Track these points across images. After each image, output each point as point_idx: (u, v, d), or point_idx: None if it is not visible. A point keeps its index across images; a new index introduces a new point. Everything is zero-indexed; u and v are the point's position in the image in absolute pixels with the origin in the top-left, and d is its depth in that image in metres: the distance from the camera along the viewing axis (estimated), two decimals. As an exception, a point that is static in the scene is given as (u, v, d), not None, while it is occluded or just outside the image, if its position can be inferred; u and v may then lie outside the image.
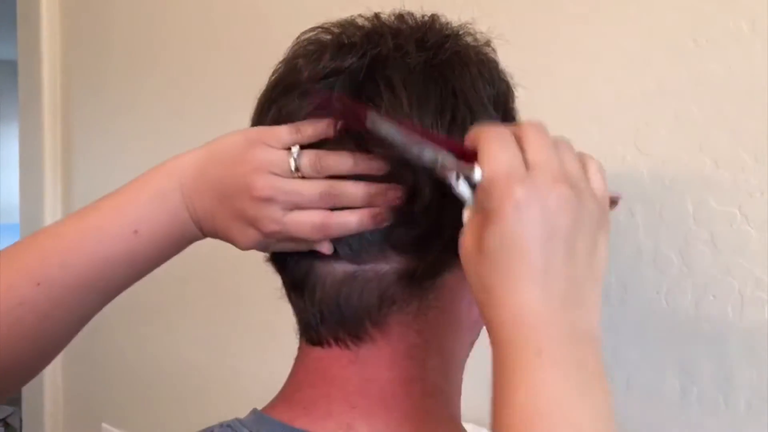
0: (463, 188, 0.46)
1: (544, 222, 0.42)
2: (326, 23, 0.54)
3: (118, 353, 1.50)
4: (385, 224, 0.50)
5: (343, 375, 0.52)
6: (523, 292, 0.42)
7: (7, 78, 4.13)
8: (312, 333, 0.53)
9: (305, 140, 0.51)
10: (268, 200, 0.51)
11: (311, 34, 0.54)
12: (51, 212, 1.70)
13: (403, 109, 0.49)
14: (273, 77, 0.55)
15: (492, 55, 0.55)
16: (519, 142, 0.45)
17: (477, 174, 0.44)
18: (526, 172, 0.43)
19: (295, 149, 0.51)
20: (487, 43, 0.55)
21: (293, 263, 0.53)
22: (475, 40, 0.55)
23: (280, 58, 0.55)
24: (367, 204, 0.50)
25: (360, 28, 0.53)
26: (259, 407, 0.56)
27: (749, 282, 0.66)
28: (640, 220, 0.73)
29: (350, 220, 0.50)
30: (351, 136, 0.50)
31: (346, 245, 0.51)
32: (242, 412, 0.56)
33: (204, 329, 1.31)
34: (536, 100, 0.59)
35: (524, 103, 0.59)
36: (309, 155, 0.51)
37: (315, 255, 0.52)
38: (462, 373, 0.56)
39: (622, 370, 0.75)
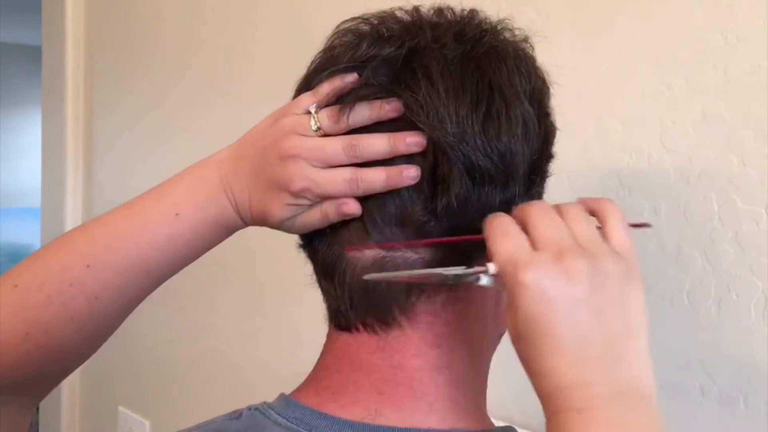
0: (487, 281, 0.48)
1: (559, 295, 0.44)
2: (365, 14, 0.55)
3: (136, 338, 1.51)
4: (414, 180, 0.50)
5: (371, 361, 0.52)
6: (556, 363, 0.44)
7: (31, 63, 4.16)
8: (341, 318, 0.54)
9: (323, 98, 0.53)
10: (295, 158, 0.52)
11: (350, 24, 0.55)
12: (72, 196, 1.72)
13: (440, 98, 0.50)
14: (311, 66, 0.57)
15: (530, 52, 0.56)
16: (523, 225, 0.47)
17: (492, 270, 0.47)
18: (532, 253, 0.45)
19: (313, 108, 0.53)
20: (526, 39, 0.56)
21: (325, 248, 0.54)
22: (513, 35, 0.55)
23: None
24: (391, 153, 0.51)
25: (399, 20, 0.54)
26: (275, 396, 0.56)
27: (773, 282, 0.66)
28: (664, 218, 0.73)
29: (379, 174, 0.51)
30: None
31: (377, 230, 0.51)
32: (257, 400, 0.57)
33: (222, 317, 1.32)
34: (562, 95, 0.59)
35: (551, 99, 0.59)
36: (327, 111, 0.53)
37: (346, 240, 0.52)
38: (488, 366, 0.57)
39: (642, 367, 0.74)
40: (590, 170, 0.78)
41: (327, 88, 0.53)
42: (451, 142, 0.49)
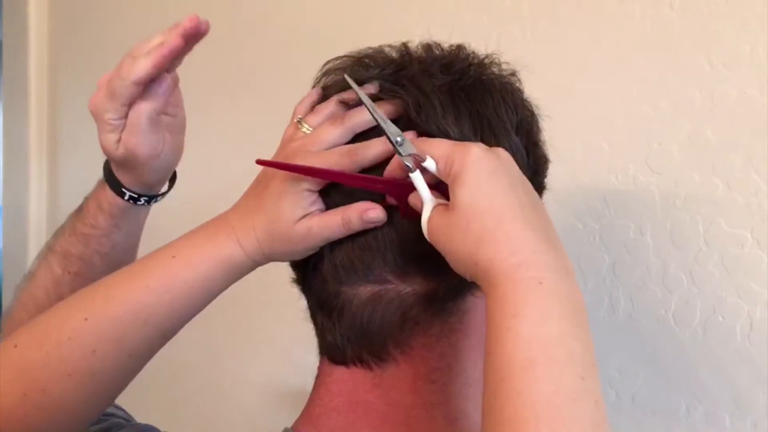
0: (417, 178, 0.48)
1: (503, 170, 0.46)
2: (351, 52, 0.54)
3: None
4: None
5: (368, 400, 0.52)
6: (512, 228, 0.44)
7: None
8: (337, 353, 0.53)
9: (305, 107, 0.56)
10: (296, 153, 0.53)
11: (336, 62, 0.54)
12: (36, 196, 1.68)
13: (437, 113, 0.50)
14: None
15: (517, 84, 0.55)
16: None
17: (430, 160, 0.48)
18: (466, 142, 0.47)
19: (298, 119, 0.55)
20: (513, 74, 0.55)
21: (319, 284, 0.53)
22: (501, 69, 0.55)
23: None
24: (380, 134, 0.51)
25: (386, 55, 0.54)
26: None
27: (759, 305, 0.67)
28: (650, 239, 0.74)
29: (375, 144, 0.51)
30: None
31: (368, 267, 0.51)
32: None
33: (199, 332, 1.30)
34: (548, 116, 0.59)
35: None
36: (311, 113, 0.55)
37: (346, 277, 0.52)
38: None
39: (629, 387, 0.76)
40: (576, 190, 0.78)
41: (308, 100, 0.56)
42: None
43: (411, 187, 0.49)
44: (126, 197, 0.66)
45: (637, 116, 0.74)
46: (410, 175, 0.48)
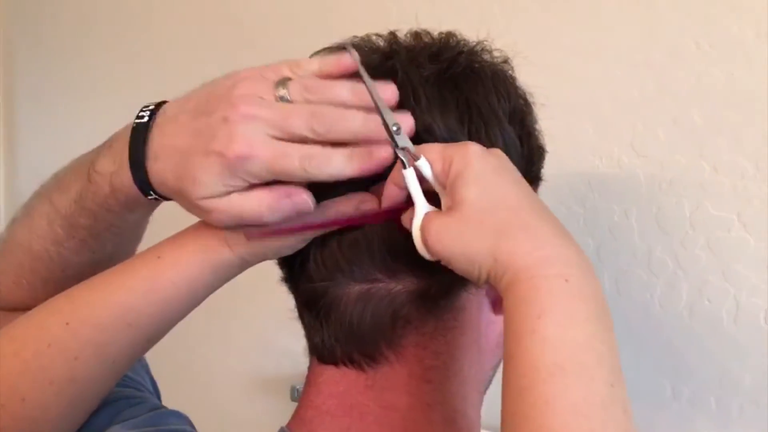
0: (410, 178, 0.45)
1: (505, 166, 0.45)
2: (337, 43, 0.51)
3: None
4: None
5: (362, 402, 0.50)
6: (531, 220, 0.42)
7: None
8: (326, 353, 0.51)
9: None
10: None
11: (322, 52, 0.51)
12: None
13: (421, 107, 0.47)
14: None
15: (509, 72, 0.54)
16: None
17: (424, 161, 0.45)
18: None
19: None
20: (506, 61, 0.53)
21: (307, 283, 0.51)
22: (492, 57, 0.53)
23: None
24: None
25: (373, 44, 0.52)
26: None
27: (745, 288, 0.67)
28: (635, 223, 0.73)
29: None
30: None
31: (355, 265, 0.49)
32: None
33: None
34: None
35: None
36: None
37: (332, 275, 0.49)
38: (482, 399, 0.55)
39: (614, 371, 0.75)
40: (560, 173, 0.77)
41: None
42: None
43: (403, 208, 0.47)
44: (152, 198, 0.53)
45: (622, 99, 0.73)
46: (403, 172, 0.45)
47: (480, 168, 0.43)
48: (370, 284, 0.49)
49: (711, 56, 0.68)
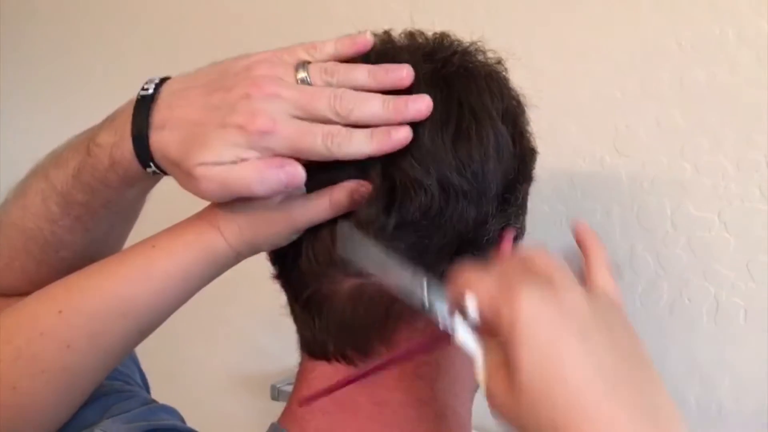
0: (461, 332, 0.41)
1: (568, 316, 0.38)
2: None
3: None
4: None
5: (354, 399, 0.50)
6: (594, 407, 0.35)
7: None
8: (317, 348, 0.51)
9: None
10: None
11: None
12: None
13: None
14: None
15: (503, 73, 0.54)
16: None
17: (470, 301, 0.39)
18: (520, 281, 0.39)
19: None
20: (499, 62, 0.54)
21: (299, 279, 0.51)
22: (486, 57, 0.53)
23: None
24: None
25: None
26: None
27: (725, 288, 0.68)
28: (617, 222, 0.73)
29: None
30: None
31: (345, 261, 0.49)
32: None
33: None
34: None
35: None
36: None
37: (324, 271, 0.49)
38: (473, 398, 0.55)
39: (595, 369, 0.76)
40: (542, 172, 0.77)
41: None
42: (423, 155, 0.47)
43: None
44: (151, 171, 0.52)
45: (604, 98, 0.73)
46: (456, 327, 0.41)
47: (533, 327, 0.37)
48: (362, 279, 0.49)
49: (693, 57, 0.68)
